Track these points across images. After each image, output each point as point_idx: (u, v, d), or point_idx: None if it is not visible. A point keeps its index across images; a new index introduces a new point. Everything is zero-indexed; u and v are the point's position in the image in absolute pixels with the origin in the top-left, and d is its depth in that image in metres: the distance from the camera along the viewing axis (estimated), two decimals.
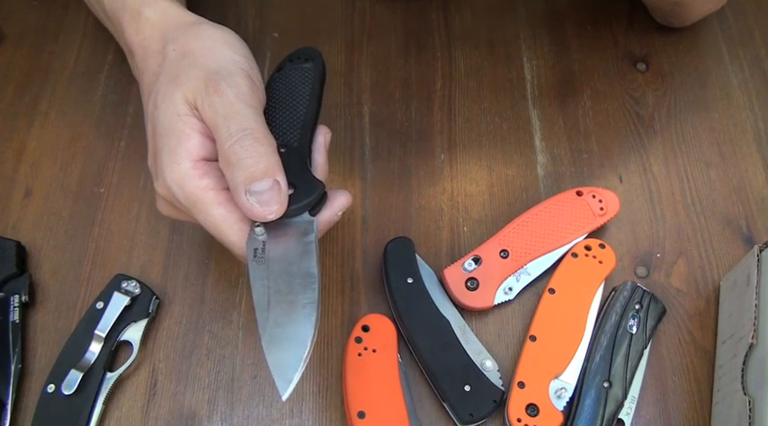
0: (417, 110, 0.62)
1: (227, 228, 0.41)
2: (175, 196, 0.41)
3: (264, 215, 0.40)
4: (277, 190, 0.40)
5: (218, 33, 0.46)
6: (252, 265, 0.41)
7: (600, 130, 0.61)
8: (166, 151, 0.42)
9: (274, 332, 0.39)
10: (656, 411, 0.50)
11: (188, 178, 0.41)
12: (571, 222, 0.54)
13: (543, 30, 0.66)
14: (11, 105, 0.62)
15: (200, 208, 0.41)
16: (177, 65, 0.44)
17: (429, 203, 0.58)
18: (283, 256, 0.41)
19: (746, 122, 0.62)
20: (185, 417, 0.49)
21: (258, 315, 0.39)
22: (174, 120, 0.42)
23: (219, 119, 0.41)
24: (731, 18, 0.67)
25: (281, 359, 0.38)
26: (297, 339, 0.39)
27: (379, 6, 0.67)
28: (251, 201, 0.40)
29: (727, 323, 0.51)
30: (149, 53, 0.46)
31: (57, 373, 0.48)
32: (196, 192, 0.41)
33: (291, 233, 0.42)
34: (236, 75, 0.43)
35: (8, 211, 0.57)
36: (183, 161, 0.41)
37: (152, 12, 0.47)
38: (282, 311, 0.39)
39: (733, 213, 0.57)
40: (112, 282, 0.52)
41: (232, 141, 0.40)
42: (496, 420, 0.49)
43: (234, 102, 0.41)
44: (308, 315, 0.39)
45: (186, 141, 0.41)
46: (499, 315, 0.53)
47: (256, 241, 0.41)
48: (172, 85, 0.43)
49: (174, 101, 0.42)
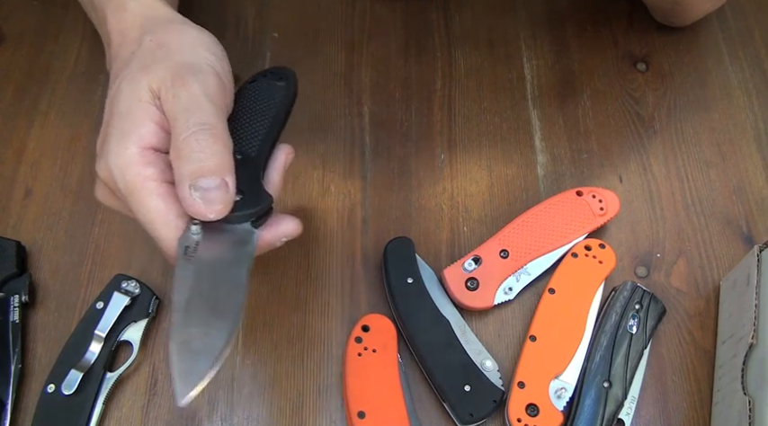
0: (417, 110, 0.62)
1: (162, 222, 0.39)
2: (115, 181, 0.40)
3: (205, 213, 0.38)
4: (224, 191, 0.39)
5: (197, 33, 0.45)
6: (180, 262, 0.39)
7: (600, 130, 0.61)
8: (117, 133, 0.40)
9: (188, 334, 0.37)
10: (656, 411, 0.50)
11: (132, 164, 0.39)
12: (571, 222, 0.54)
13: (543, 30, 0.66)
14: (11, 105, 0.62)
15: (138, 198, 0.39)
16: (150, 54, 0.43)
17: (429, 203, 0.58)
18: (215, 260, 0.39)
19: (746, 122, 0.62)
20: (185, 417, 0.49)
21: (175, 314, 0.37)
22: (133, 105, 0.41)
23: (180, 110, 0.40)
24: (731, 18, 0.67)
25: (188, 365, 0.36)
26: (209, 348, 0.36)
27: (379, 6, 0.67)
28: (194, 196, 0.38)
29: (727, 323, 0.51)
30: (126, 41, 0.45)
31: (57, 373, 0.48)
32: (136, 180, 0.39)
33: (229, 239, 0.40)
34: (206, 73, 0.42)
35: (8, 211, 0.57)
36: (132, 146, 0.39)
37: (137, 5, 0.47)
38: (201, 316, 0.37)
39: (733, 213, 0.57)
40: (112, 282, 0.52)
41: (188, 133, 0.39)
42: (496, 420, 0.49)
43: (198, 96, 0.40)
44: (226, 325, 0.37)
45: (140, 127, 0.40)
46: (499, 315, 0.53)
47: (190, 239, 0.39)
48: (140, 72, 0.42)
49: (139, 87, 0.41)
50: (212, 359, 0.36)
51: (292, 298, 0.53)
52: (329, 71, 0.64)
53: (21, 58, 0.64)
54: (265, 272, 0.54)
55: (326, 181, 0.58)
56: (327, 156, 0.59)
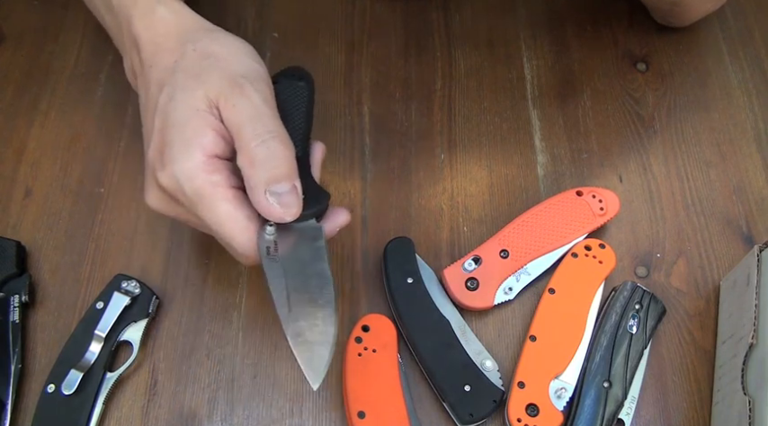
0: (417, 110, 0.62)
1: (234, 225, 0.41)
2: (182, 188, 0.41)
3: (283, 216, 0.41)
4: (295, 194, 0.41)
5: (238, 42, 0.47)
6: (266, 262, 0.41)
7: (600, 130, 0.61)
8: (179, 143, 0.41)
9: (298, 325, 0.40)
10: (656, 411, 0.50)
11: (199, 171, 0.41)
12: (571, 222, 0.54)
13: (543, 30, 0.66)
14: (11, 105, 0.62)
15: (207, 203, 0.41)
16: (198, 63, 0.44)
17: (429, 203, 0.58)
18: (296, 257, 0.42)
19: (746, 122, 0.62)
20: (185, 417, 0.49)
21: (279, 311, 0.40)
22: (191, 115, 0.42)
23: (244, 119, 0.41)
24: (731, 18, 0.67)
25: (309, 353, 0.39)
26: (321, 334, 0.40)
27: (379, 6, 0.67)
28: (270, 201, 0.40)
29: (727, 323, 0.51)
30: (162, 49, 0.46)
31: (57, 373, 0.48)
32: (205, 186, 0.41)
33: (301, 236, 0.43)
34: (259, 81, 0.44)
35: (8, 211, 0.57)
36: (197, 154, 0.41)
37: (167, 11, 0.47)
38: (304, 307, 0.41)
39: (733, 213, 0.57)
40: (112, 282, 0.52)
41: (258, 141, 0.41)
42: (496, 420, 0.49)
43: (259, 104, 0.42)
44: (330, 313, 0.41)
45: (202, 136, 0.41)
46: (499, 314, 0.53)
47: (267, 240, 0.42)
48: (193, 81, 0.43)
49: (195, 96, 0.42)
50: (329, 346, 0.40)
51: None
52: (329, 71, 0.64)
53: (21, 58, 0.64)
54: None
55: (326, 182, 0.58)
56: (327, 156, 0.58)
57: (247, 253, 0.42)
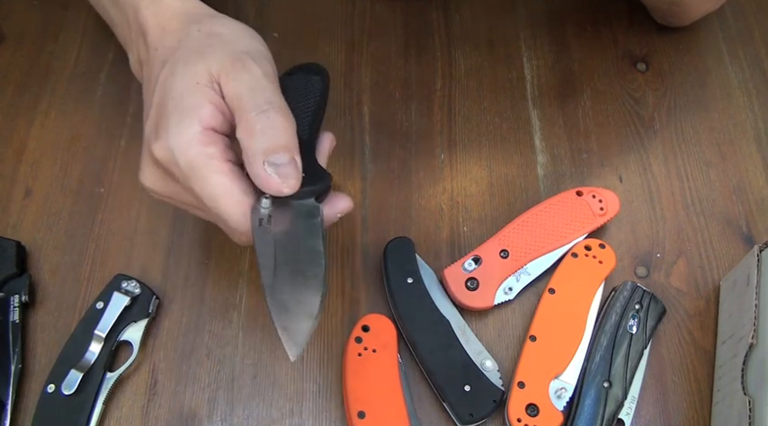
0: (417, 110, 0.62)
1: (228, 198, 0.40)
2: (176, 160, 0.40)
3: (281, 187, 0.40)
4: (294, 166, 0.40)
5: (241, 26, 0.47)
6: (257, 232, 0.40)
7: (600, 130, 0.61)
8: (176, 114, 0.41)
9: (281, 297, 0.39)
10: (656, 411, 0.50)
11: (194, 142, 0.40)
12: (571, 222, 0.54)
13: (543, 30, 0.66)
14: (11, 105, 0.62)
15: (201, 175, 0.40)
16: (202, 41, 0.44)
17: (429, 203, 0.58)
18: (289, 232, 0.41)
19: (746, 122, 0.62)
20: (185, 417, 0.49)
21: (264, 279, 0.39)
22: (191, 87, 0.41)
23: (245, 90, 0.41)
24: (731, 18, 0.67)
25: (290, 324, 0.39)
26: (305, 306, 0.39)
27: (379, 6, 0.67)
28: (268, 171, 0.39)
29: (727, 323, 0.51)
30: (167, 32, 0.46)
31: (57, 373, 0.48)
32: (199, 158, 0.40)
33: (297, 213, 0.42)
34: (262, 59, 0.43)
35: (8, 211, 0.57)
36: (194, 125, 0.40)
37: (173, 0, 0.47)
38: (289, 277, 0.40)
39: (733, 213, 0.57)
40: (112, 282, 0.52)
41: (258, 110, 0.40)
42: (496, 420, 0.49)
43: (260, 77, 0.42)
44: (316, 287, 0.40)
45: (200, 108, 0.41)
46: (499, 314, 0.53)
47: (261, 212, 0.41)
48: (195, 56, 0.43)
49: (196, 70, 0.42)
50: (311, 319, 0.38)
51: None
52: (329, 71, 0.63)
53: (21, 58, 0.64)
54: None
55: None
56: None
57: (241, 229, 0.41)
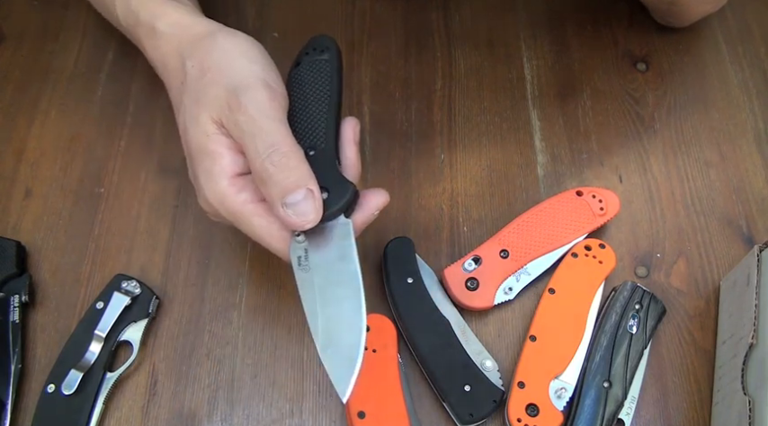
0: (417, 110, 0.62)
1: (270, 237, 0.43)
2: (217, 210, 0.44)
3: (302, 224, 0.41)
4: (311, 199, 0.41)
5: (233, 44, 0.46)
6: (298, 274, 0.42)
7: (600, 130, 0.61)
8: (203, 171, 0.43)
9: (326, 339, 0.41)
10: (656, 411, 0.50)
11: (227, 195, 0.43)
12: (571, 222, 0.54)
13: (543, 30, 0.66)
14: (11, 105, 0.62)
15: (242, 221, 0.43)
16: (198, 83, 0.45)
17: (429, 203, 0.58)
18: (326, 262, 0.43)
19: (746, 122, 0.62)
20: (185, 417, 0.49)
21: (310, 323, 0.41)
22: (204, 141, 0.43)
23: (246, 138, 0.42)
24: (731, 18, 0.67)
25: (337, 365, 0.40)
26: (348, 345, 0.40)
27: (379, 6, 0.67)
28: (288, 213, 0.41)
29: (727, 323, 0.51)
30: (169, 69, 0.47)
31: (57, 373, 0.48)
32: (235, 207, 0.43)
33: (330, 237, 0.43)
34: (254, 89, 0.43)
35: (8, 211, 0.57)
36: (221, 180, 0.43)
37: (164, 25, 0.48)
38: (331, 320, 0.41)
39: (733, 213, 0.57)
40: (112, 282, 0.52)
41: (261, 159, 0.41)
42: (496, 420, 0.49)
43: (256, 117, 0.42)
44: (356, 323, 0.41)
45: (220, 160, 0.43)
46: (499, 314, 0.53)
47: (299, 249, 0.43)
48: (196, 107, 0.44)
49: (201, 122, 0.43)
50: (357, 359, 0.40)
51: (293, 299, 0.53)
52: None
53: (21, 58, 0.64)
54: (266, 272, 0.54)
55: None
56: None
57: (285, 258, 0.44)
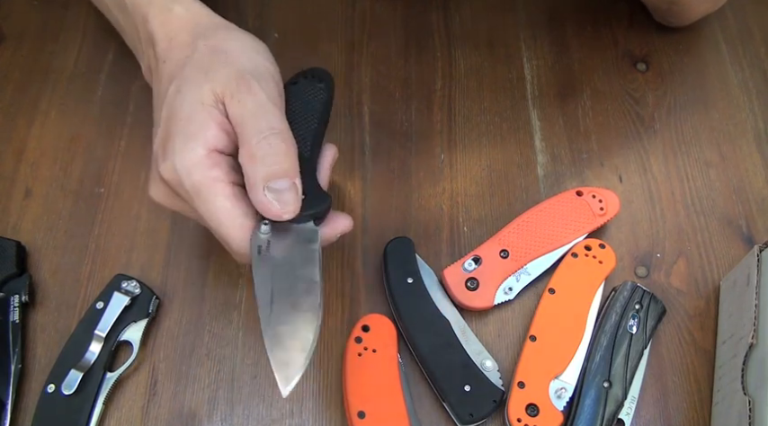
0: (417, 110, 0.62)
1: (230, 221, 0.41)
2: (181, 182, 0.41)
3: (281, 213, 0.41)
4: (294, 192, 0.41)
5: (249, 39, 0.47)
6: (256, 261, 0.41)
7: (600, 130, 0.61)
8: (182, 136, 0.41)
9: (277, 330, 0.40)
10: (656, 411, 0.50)
11: (199, 165, 0.41)
12: (571, 222, 0.54)
13: (543, 30, 0.66)
14: (11, 105, 0.62)
15: (205, 198, 0.41)
16: (208, 58, 0.44)
17: (429, 203, 0.58)
18: (287, 259, 0.42)
19: (746, 122, 0.62)
20: (185, 417, 0.49)
21: (261, 311, 0.40)
22: (197, 108, 0.42)
23: (248, 115, 0.41)
24: (731, 18, 0.67)
25: (284, 358, 0.39)
26: (299, 340, 0.39)
27: (379, 6, 0.67)
28: (269, 198, 0.40)
29: (727, 323, 0.51)
30: (175, 44, 0.46)
31: (57, 373, 0.48)
32: (204, 181, 0.41)
33: (296, 238, 0.42)
34: (267, 79, 0.44)
35: (8, 211, 0.57)
36: (198, 148, 0.41)
37: (183, 9, 0.48)
38: (285, 311, 0.40)
39: (733, 213, 0.57)
40: (112, 282, 0.52)
41: (260, 137, 0.41)
42: (496, 420, 0.49)
43: (265, 101, 0.42)
44: (311, 320, 0.40)
45: (206, 130, 0.41)
46: (499, 314, 0.53)
47: (260, 239, 0.42)
48: (201, 75, 0.43)
49: (202, 90, 0.42)
50: (305, 353, 0.39)
51: None
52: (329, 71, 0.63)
53: (21, 58, 0.64)
54: None
55: None
56: None
57: (241, 251, 0.42)
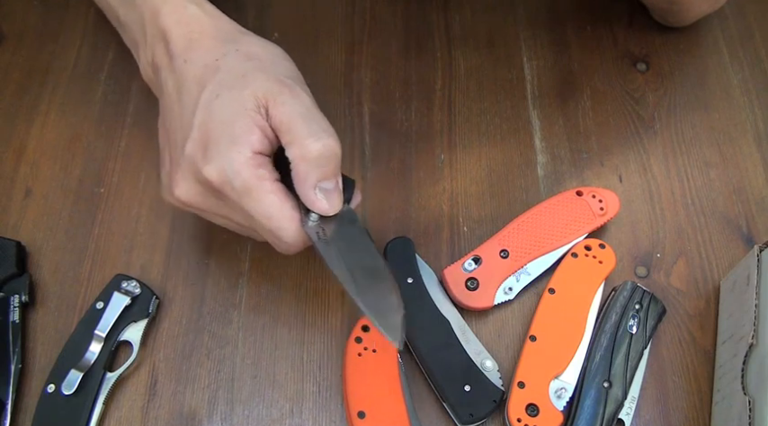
0: (417, 110, 0.62)
1: (281, 215, 0.44)
2: (230, 181, 0.43)
3: (328, 210, 0.44)
4: (339, 190, 0.45)
5: (271, 46, 0.49)
6: (321, 245, 0.44)
7: (600, 130, 0.61)
8: (227, 138, 0.43)
9: (369, 299, 0.43)
10: (656, 411, 0.50)
11: (247, 166, 0.43)
12: (571, 222, 0.54)
13: (543, 30, 0.66)
14: (11, 105, 0.62)
15: (255, 196, 0.43)
16: (242, 64, 0.46)
17: (429, 203, 0.58)
18: (344, 239, 0.45)
19: (746, 122, 0.62)
20: (185, 417, 0.49)
21: (347, 286, 0.43)
22: (240, 113, 0.44)
23: (297, 117, 0.43)
24: (731, 18, 0.67)
25: (386, 319, 0.43)
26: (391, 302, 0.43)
27: (379, 6, 0.67)
28: (318, 196, 0.44)
29: (727, 323, 0.51)
30: (198, 46, 0.47)
31: (57, 373, 0.48)
32: (252, 180, 0.43)
33: (339, 220, 0.45)
34: (302, 83, 0.47)
35: (8, 211, 0.57)
36: (245, 150, 0.43)
37: (198, 10, 0.48)
38: (368, 282, 0.44)
39: (733, 213, 0.57)
40: (112, 282, 0.52)
41: (315, 138, 0.43)
42: (496, 420, 0.49)
43: (310, 104, 0.45)
44: (391, 286, 0.44)
45: (250, 133, 0.43)
46: (499, 314, 0.53)
47: (312, 227, 0.45)
48: (239, 81, 0.45)
49: (243, 95, 0.44)
50: (401, 311, 0.43)
51: (292, 298, 0.53)
52: (329, 71, 0.63)
53: (21, 58, 0.64)
54: (266, 272, 0.54)
55: None
56: None
57: (293, 241, 0.45)
